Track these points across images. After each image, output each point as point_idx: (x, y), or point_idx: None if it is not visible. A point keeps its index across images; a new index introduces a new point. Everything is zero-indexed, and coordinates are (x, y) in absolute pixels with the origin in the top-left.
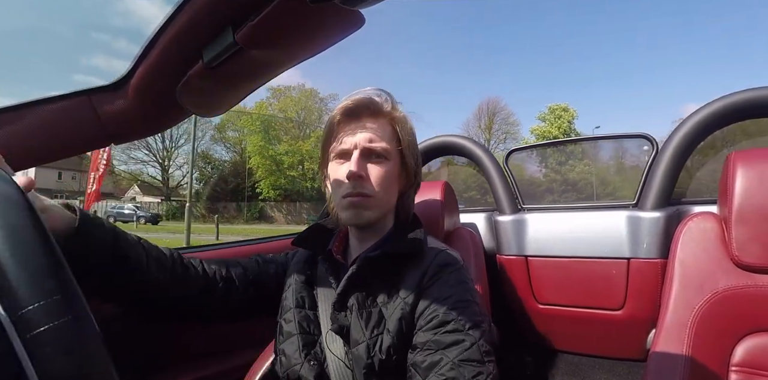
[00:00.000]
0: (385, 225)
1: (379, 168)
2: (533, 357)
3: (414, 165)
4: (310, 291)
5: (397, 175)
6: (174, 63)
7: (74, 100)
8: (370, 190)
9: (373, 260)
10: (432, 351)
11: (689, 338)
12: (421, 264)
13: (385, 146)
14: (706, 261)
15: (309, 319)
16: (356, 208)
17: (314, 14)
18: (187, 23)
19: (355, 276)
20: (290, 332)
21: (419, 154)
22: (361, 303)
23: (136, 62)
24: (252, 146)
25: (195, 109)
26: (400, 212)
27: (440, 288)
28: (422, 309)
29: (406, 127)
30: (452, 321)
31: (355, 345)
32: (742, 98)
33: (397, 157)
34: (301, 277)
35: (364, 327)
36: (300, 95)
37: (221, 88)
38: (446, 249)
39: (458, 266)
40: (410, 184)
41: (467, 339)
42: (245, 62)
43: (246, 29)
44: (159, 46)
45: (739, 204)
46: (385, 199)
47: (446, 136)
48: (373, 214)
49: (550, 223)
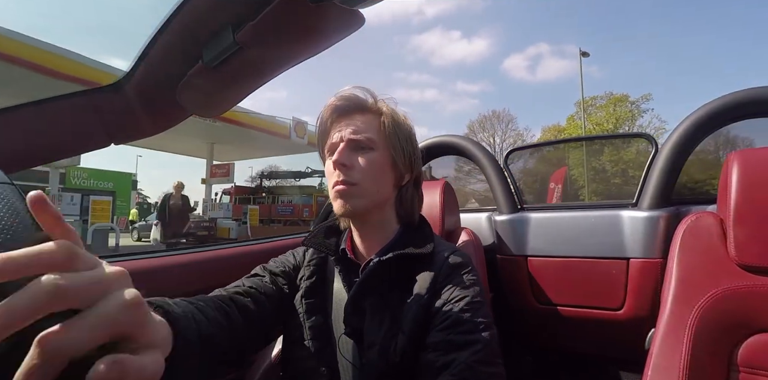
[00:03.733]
0: (387, 223)
1: (364, 157)
2: (533, 357)
3: (407, 157)
4: (321, 295)
5: (386, 166)
6: (174, 63)
7: (75, 100)
8: (355, 177)
9: (385, 263)
10: (445, 352)
11: (689, 338)
12: (433, 265)
13: (370, 136)
14: (705, 260)
15: (320, 324)
16: (342, 197)
17: (314, 14)
18: (187, 23)
19: (368, 279)
20: (301, 337)
21: (416, 148)
22: (375, 305)
23: (136, 62)
24: (574, 160)
25: (195, 109)
26: (400, 209)
27: (454, 289)
28: (437, 309)
29: (393, 120)
30: (466, 322)
31: (370, 348)
32: (740, 97)
33: (385, 149)
34: (310, 281)
35: (379, 329)
36: (608, 103)
37: (221, 88)
38: (457, 250)
39: (471, 267)
40: (406, 176)
41: (480, 340)
42: (245, 62)
43: (246, 29)
44: (159, 46)
45: (739, 204)
46: (373, 189)
47: (446, 136)
48: (360, 203)
49: (550, 223)
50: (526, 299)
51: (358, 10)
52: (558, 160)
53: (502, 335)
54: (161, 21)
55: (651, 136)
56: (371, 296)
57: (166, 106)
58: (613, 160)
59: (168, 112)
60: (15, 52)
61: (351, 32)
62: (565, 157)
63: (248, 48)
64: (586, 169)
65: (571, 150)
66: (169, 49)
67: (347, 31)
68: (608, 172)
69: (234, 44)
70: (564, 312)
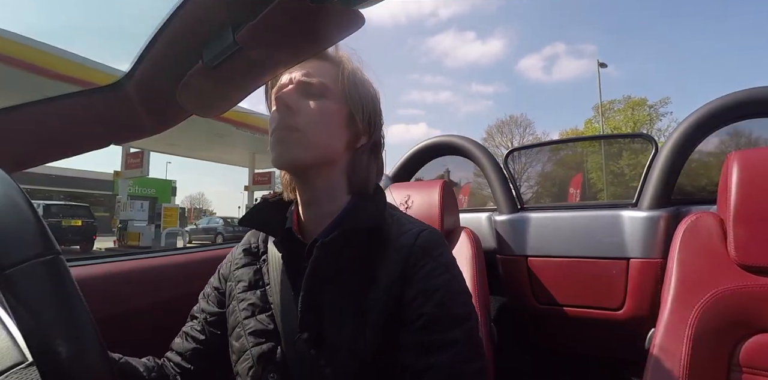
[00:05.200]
0: (336, 190)
1: (313, 103)
2: (533, 357)
3: (364, 115)
4: (259, 291)
5: (339, 118)
6: (174, 63)
7: (74, 101)
8: (299, 123)
9: (332, 244)
10: (423, 354)
11: (689, 338)
12: (400, 246)
13: (324, 81)
14: (705, 260)
15: (262, 326)
16: (282, 143)
17: (314, 14)
18: (187, 23)
19: (317, 268)
20: (242, 348)
21: (379, 111)
22: (334, 298)
23: (136, 62)
24: (592, 163)
25: (195, 109)
26: (353, 175)
27: (427, 278)
28: (408, 300)
29: (354, 73)
30: (443, 319)
31: (334, 351)
32: (740, 97)
33: (340, 101)
34: (245, 278)
35: (342, 327)
36: (626, 106)
37: (221, 88)
38: (426, 227)
39: (444, 248)
40: (362, 139)
41: (460, 339)
42: (245, 62)
43: (246, 29)
44: (159, 46)
45: (739, 204)
46: (321, 142)
47: (445, 136)
48: (303, 153)
49: (550, 223)
50: (526, 299)
51: (358, 10)
52: (576, 164)
53: (502, 335)
54: (161, 21)
55: (650, 136)
56: (328, 286)
57: (166, 106)
58: (631, 164)
59: (168, 112)
60: (14, 54)
61: (351, 32)
62: (584, 160)
63: (248, 48)
64: (604, 173)
65: (589, 154)
66: (169, 50)
67: (347, 31)
68: (626, 175)
69: (234, 44)
70: (564, 312)
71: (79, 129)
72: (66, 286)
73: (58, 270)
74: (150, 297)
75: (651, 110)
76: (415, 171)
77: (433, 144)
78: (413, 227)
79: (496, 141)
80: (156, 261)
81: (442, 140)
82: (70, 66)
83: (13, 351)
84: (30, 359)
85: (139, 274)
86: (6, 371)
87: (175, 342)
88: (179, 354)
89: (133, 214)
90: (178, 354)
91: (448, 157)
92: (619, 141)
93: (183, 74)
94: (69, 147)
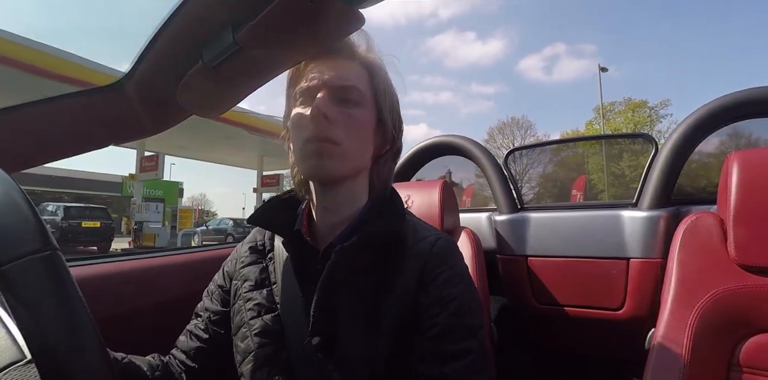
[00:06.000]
0: (356, 196)
1: (351, 112)
2: (533, 357)
3: (392, 122)
4: (265, 291)
5: (371, 129)
6: (174, 63)
7: (74, 101)
8: (338, 136)
9: (350, 249)
10: (437, 363)
11: (689, 338)
12: (417, 253)
13: (358, 87)
14: (705, 260)
15: (268, 327)
16: (320, 157)
17: (314, 14)
18: (187, 23)
19: (334, 272)
20: (247, 349)
21: (399, 114)
22: (348, 303)
23: (136, 62)
24: (593, 165)
25: (195, 109)
26: (374, 182)
27: (443, 286)
28: (424, 309)
29: (382, 75)
30: (458, 329)
31: (347, 359)
32: (740, 97)
33: (372, 109)
34: (251, 277)
35: (356, 334)
36: (626, 108)
37: (221, 88)
38: (442, 235)
39: (459, 256)
40: (387, 146)
41: (473, 349)
42: (245, 62)
43: (246, 29)
44: (159, 46)
45: (739, 204)
46: (357, 154)
47: (445, 136)
48: (340, 168)
49: (550, 223)
50: (526, 299)
51: (358, 10)
52: (577, 166)
53: (502, 335)
54: (161, 21)
55: (650, 136)
56: (342, 290)
57: (166, 106)
58: (632, 165)
59: (168, 112)
60: (14, 55)
61: (351, 32)
62: (585, 162)
63: (248, 48)
64: (605, 174)
65: (590, 155)
66: (169, 49)
67: (347, 30)
68: (627, 176)
69: (234, 44)
70: (564, 312)
71: (79, 129)
72: (64, 282)
73: (55, 266)
74: (150, 297)
75: (651, 112)
76: (415, 171)
77: (433, 144)
78: (429, 234)
79: (497, 142)
80: (156, 261)
81: (442, 140)
82: (69, 66)
83: (12, 348)
84: (29, 357)
85: (139, 274)
86: (4, 368)
87: (180, 340)
88: (184, 352)
89: (148, 216)
90: (182, 352)
91: (448, 158)
92: (620, 142)
93: (183, 74)
94: (69, 147)
